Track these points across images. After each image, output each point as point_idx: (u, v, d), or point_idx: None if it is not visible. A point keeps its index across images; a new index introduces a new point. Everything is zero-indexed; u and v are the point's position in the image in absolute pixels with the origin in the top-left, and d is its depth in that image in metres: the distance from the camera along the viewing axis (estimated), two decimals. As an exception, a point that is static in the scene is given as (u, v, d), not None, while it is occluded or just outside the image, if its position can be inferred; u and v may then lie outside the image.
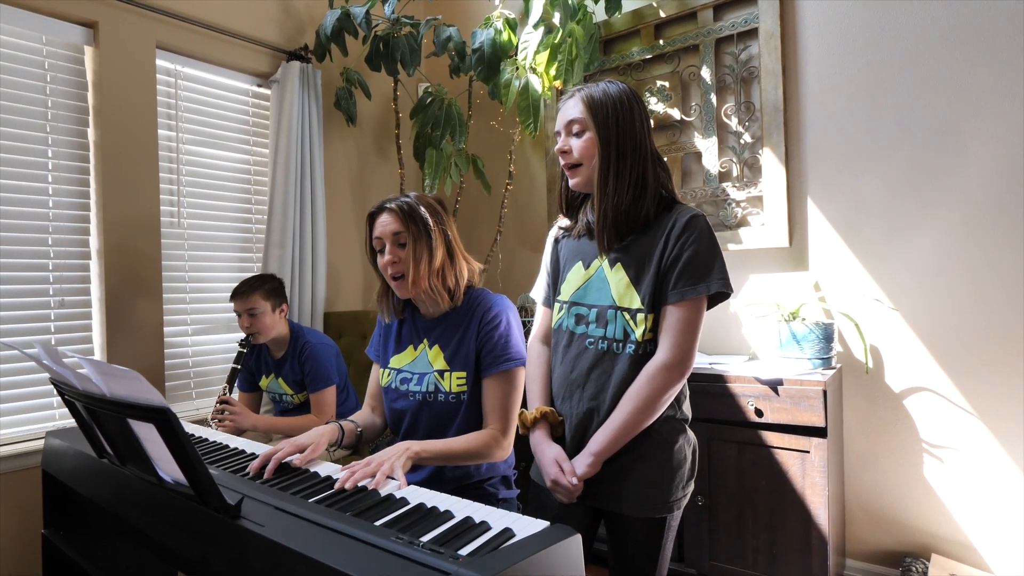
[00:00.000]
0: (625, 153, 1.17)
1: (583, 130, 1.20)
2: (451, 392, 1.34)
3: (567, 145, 1.22)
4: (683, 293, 1.11)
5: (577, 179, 1.23)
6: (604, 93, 1.19)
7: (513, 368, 1.33)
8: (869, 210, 2.05)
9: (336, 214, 2.82)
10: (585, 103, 1.19)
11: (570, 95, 1.23)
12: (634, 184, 1.16)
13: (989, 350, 1.86)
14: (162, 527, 1.00)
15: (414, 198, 1.36)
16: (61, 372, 0.99)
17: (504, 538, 0.79)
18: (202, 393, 2.43)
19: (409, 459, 1.14)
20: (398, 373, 1.41)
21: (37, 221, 2.01)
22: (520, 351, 1.35)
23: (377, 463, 1.09)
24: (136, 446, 0.94)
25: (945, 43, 1.91)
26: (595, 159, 1.19)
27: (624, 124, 1.17)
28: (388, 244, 1.33)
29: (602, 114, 1.18)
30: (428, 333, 1.40)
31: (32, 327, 1.99)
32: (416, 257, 1.31)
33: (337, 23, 2.44)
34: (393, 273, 1.34)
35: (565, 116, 1.23)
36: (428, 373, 1.37)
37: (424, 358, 1.39)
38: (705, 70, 2.35)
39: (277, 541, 0.78)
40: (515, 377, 1.34)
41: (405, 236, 1.32)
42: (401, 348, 1.44)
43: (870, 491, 2.05)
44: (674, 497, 1.16)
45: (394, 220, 1.32)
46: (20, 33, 1.98)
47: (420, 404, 1.37)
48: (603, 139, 1.18)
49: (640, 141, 1.18)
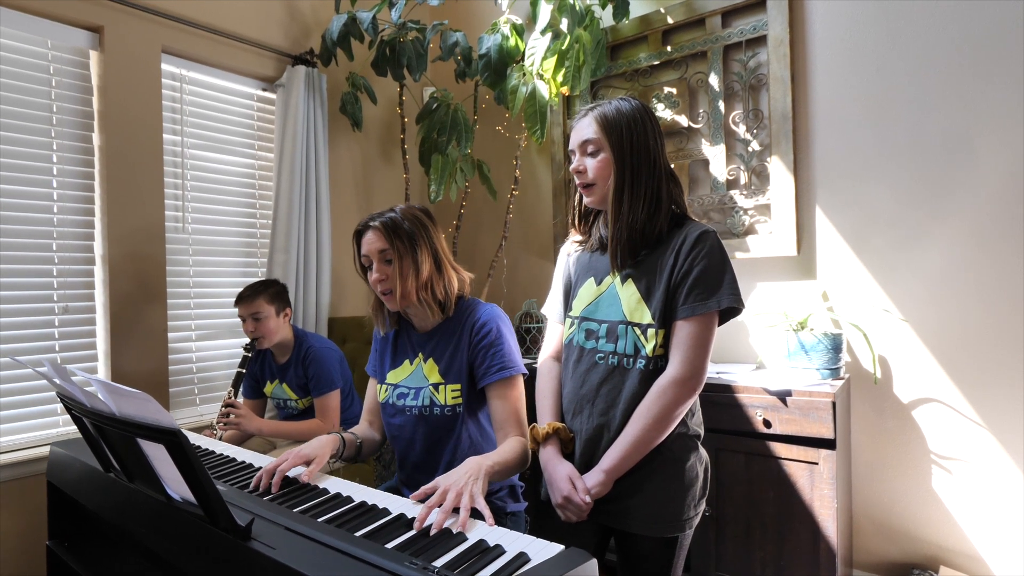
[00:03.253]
0: (640, 172, 1.17)
1: (598, 150, 1.20)
2: (447, 405, 1.35)
3: (582, 165, 1.22)
4: (694, 308, 1.11)
5: (592, 198, 1.23)
6: (618, 112, 1.19)
7: (511, 376, 1.32)
8: (878, 220, 2.04)
9: (341, 219, 2.81)
10: (599, 123, 1.19)
11: (583, 114, 1.23)
12: (648, 202, 1.16)
13: (998, 361, 1.85)
14: (169, 545, 0.99)
15: (399, 212, 1.36)
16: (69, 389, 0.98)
17: (519, 563, 0.78)
18: (206, 399, 2.42)
19: (486, 479, 1.05)
20: (395, 388, 1.42)
21: (42, 227, 2.00)
22: (514, 358, 1.34)
23: (456, 492, 0.97)
24: (144, 464, 0.93)
25: (956, 52, 1.90)
26: (610, 179, 1.18)
27: (639, 143, 1.17)
28: (375, 261, 1.34)
29: (616, 134, 1.17)
30: (422, 347, 1.41)
31: (37, 333, 1.98)
32: (403, 273, 1.32)
33: (343, 28, 2.43)
34: (382, 290, 1.35)
35: (579, 136, 1.22)
36: (423, 387, 1.37)
37: (419, 372, 1.40)
38: (713, 77, 2.34)
39: (289, 565, 0.77)
40: (515, 384, 1.33)
41: (391, 253, 1.33)
42: (397, 363, 1.44)
43: (878, 502, 2.04)
44: (686, 516, 1.15)
45: (378, 238, 1.33)
46: (26, 38, 1.97)
47: (417, 418, 1.37)
48: (618, 159, 1.18)
49: (654, 159, 1.18)
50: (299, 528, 0.88)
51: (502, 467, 1.16)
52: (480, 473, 1.04)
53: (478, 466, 1.07)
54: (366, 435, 1.46)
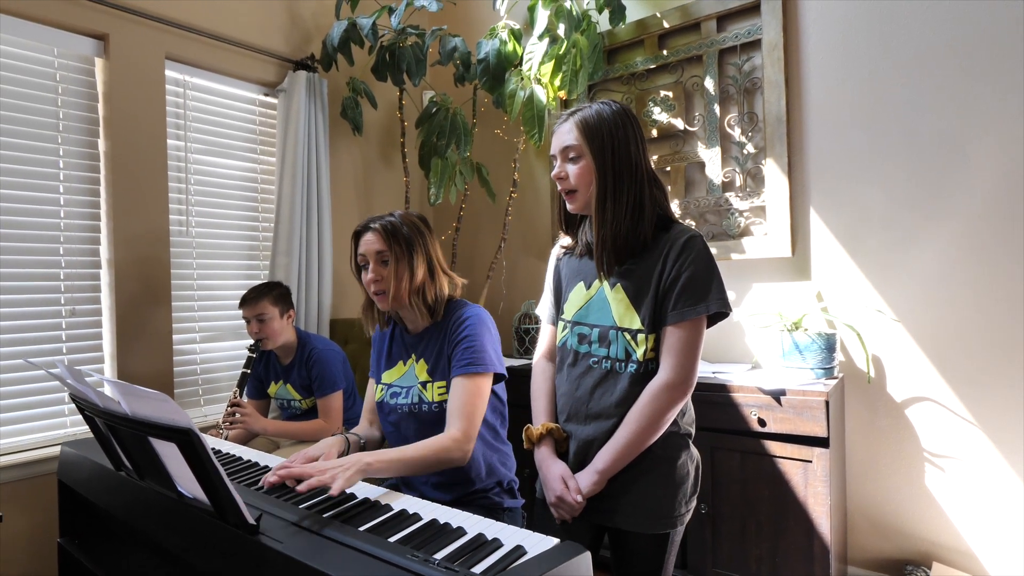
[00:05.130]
0: (622, 178, 1.16)
1: (579, 156, 1.19)
2: (434, 401, 1.39)
3: (563, 171, 1.21)
4: (683, 314, 1.13)
5: (574, 204, 1.23)
6: (598, 116, 1.17)
7: (478, 372, 1.32)
8: (872, 221, 2.07)
9: (342, 222, 2.84)
10: (579, 128, 1.18)
11: (564, 119, 1.22)
12: (631, 208, 1.16)
13: (990, 360, 1.88)
14: (179, 540, 1.02)
15: (398, 217, 1.41)
16: (82, 390, 1.02)
17: (516, 556, 0.81)
18: (210, 400, 2.46)
19: (359, 471, 1.10)
20: (389, 388, 1.47)
21: (49, 231, 2.04)
22: (486, 358, 1.33)
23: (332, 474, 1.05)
24: (156, 462, 0.97)
25: (949, 54, 1.93)
26: (592, 185, 1.18)
27: (620, 148, 1.16)
28: (371, 262, 1.38)
29: (597, 140, 1.16)
30: (414, 348, 1.46)
31: (44, 335, 2.02)
32: (397, 275, 1.37)
33: (344, 34, 2.47)
34: (375, 290, 1.39)
35: (560, 142, 1.21)
36: (413, 386, 1.43)
37: (411, 372, 1.45)
38: (708, 80, 2.37)
39: (296, 558, 0.81)
40: (480, 382, 1.32)
41: (388, 255, 1.37)
42: (392, 364, 1.49)
43: (872, 499, 2.07)
44: (677, 513, 1.18)
45: (377, 239, 1.38)
46: (32, 46, 2.00)
47: (408, 415, 1.42)
48: (599, 165, 1.17)
49: (636, 164, 1.17)
50: (305, 523, 0.91)
51: (387, 463, 1.17)
52: (356, 466, 1.09)
53: (358, 459, 1.12)
54: (368, 434, 1.51)
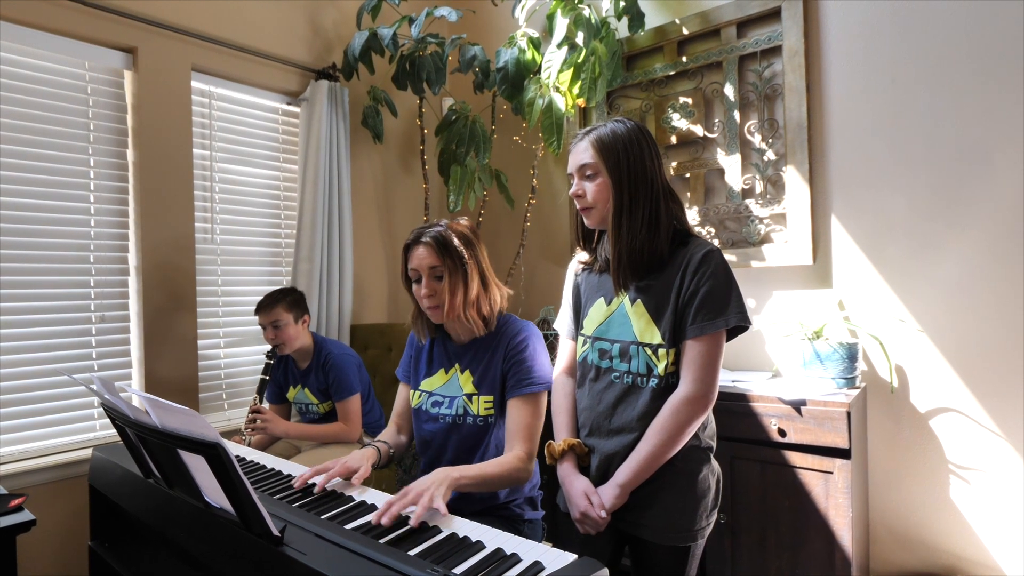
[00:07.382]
0: (637, 194, 1.19)
1: (595, 173, 1.23)
2: (479, 415, 1.38)
3: (581, 189, 1.25)
4: (702, 328, 1.14)
5: (591, 220, 1.26)
6: (613, 135, 1.21)
7: (538, 392, 1.35)
8: (894, 229, 2.05)
9: (362, 229, 2.88)
10: (595, 147, 1.22)
11: (580, 138, 1.26)
12: (647, 223, 1.19)
13: (1015, 371, 1.84)
14: (206, 548, 1.05)
15: (446, 228, 1.38)
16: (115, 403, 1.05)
17: (534, 572, 0.82)
18: (234, 404, 2.51)
19: (450, 488, 1.11)
20: (429, 396, 1.45)
21: (79, 240, 2.10)
22: (545, 376, 1.37)
23: (416, 493, 1.06)
24: (184, 472, 0.99)
25: (972, 61, 1.90)
26: (608, 201, 1.21)
27: (635, 165, 1.20)
28: (424, 277, 1.35)
29: (613, 157, 1.20)
30: (459, 358, 1.44)
31: (75, 341, 2.08)
32: (452, 289, 1.34)
33: (365, 43, 2.50)
34: (430, 304, 1.36)
35: (577, 160, 1.25)
36: (458, 396, 1.41)
37: (455, 382, 1.43)
38: (728, 87, 2.36)
39: (319, 570, 0.83)
40: (539, 401, 1.35)
41: (441, 269, 1.35)
42: (432, 371, 1.47)
43: (895, 511, 2.04)
44: (698, 526, 1.18)
45: (430, 254, 1.34)
46: (64, 60, 2.07)
47: (449, 427, 1.41)
48: (615, 182, 1.20)
49: (651, 179, 1.20)
50: (327, 534, 0.93)
51: (472, 480, 1.18)
52: (446, 481, 1.11)
53: (446, 475, 1.13)
54: (395, 441, 1.50)
